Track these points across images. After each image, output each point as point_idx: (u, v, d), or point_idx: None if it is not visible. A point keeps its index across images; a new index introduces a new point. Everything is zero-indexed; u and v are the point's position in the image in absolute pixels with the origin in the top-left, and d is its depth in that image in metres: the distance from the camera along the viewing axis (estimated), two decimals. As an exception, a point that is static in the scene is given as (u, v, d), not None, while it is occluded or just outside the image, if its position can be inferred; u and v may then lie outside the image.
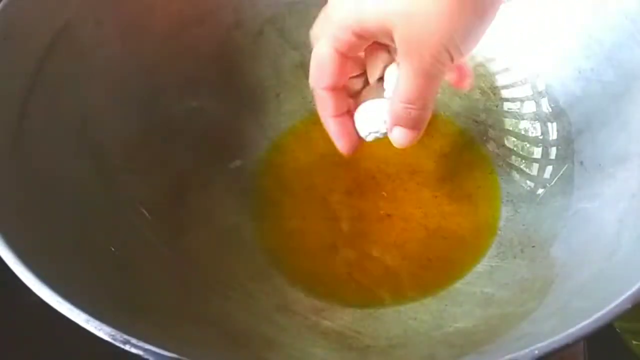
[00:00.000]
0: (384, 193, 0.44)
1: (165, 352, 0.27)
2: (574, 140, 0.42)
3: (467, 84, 0.39)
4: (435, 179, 0.44)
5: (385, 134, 0.37)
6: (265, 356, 0.34)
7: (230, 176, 0.44)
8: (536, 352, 0.26)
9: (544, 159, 0.43)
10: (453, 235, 0.42)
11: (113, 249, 0.36)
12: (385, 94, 0.36)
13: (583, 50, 0.42)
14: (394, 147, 0.41)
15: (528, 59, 0.45)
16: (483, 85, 0.47)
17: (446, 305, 0.38)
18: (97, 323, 0.27)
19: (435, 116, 0.47)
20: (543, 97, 0.45)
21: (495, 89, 0.46)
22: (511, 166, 0.44)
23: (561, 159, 0.42)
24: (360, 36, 0.33)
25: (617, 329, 0.43)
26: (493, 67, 0.47)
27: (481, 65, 0.47)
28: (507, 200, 0.43)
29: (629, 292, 0.28)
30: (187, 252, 0.39)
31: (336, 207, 0.43)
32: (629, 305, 0.28)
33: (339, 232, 0.42)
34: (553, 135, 0.44)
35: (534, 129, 0.45)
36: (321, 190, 0.44)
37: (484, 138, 0.46)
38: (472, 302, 0.38)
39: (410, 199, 0.43)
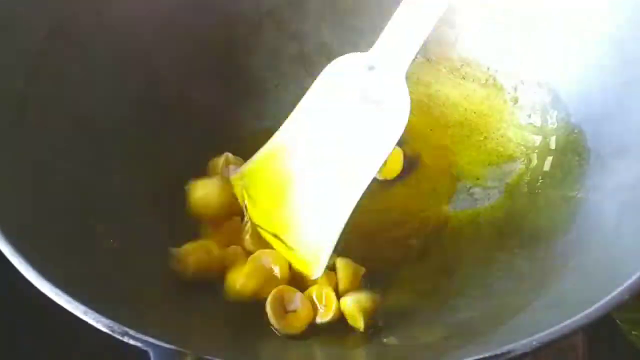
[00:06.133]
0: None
1: (164, 344, 0.27)
2: (574, 131, 0.42)
3: None
4: (434, 172, 0.44)
5: None
6: (263, 347, 0.34)
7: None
8: (535, 342, 0.26)
9: (544, 150, 0.43)
10: (452, 227, 0.42)
11: (112, 241, 0.36)
12: None
13: (585, 40, 0.42)
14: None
15: (528, 48, 0.45)
16: (481, 75, 0.47)
17: (446, 296, 0.38)
18: (95, 315, 0.27)
19: (433, 108, 0.47)
20: (543, 87, 0.44)
21: (495, 79, 0.46)
22: (511, 157, 0.44)
23: (561, 149, 0.42)
24: None
25: (616, 320, 0.43)
26: (492, 56, 0.46)
27: (480, 54, 0.46)
28: (507, 192, 0.43)
29: (627, 283, 0.28)
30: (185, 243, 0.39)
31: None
32: (628, 296, 0.28)
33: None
34: (553, 125, 0.43)
35: (534, 119, 0.45)
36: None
37: (484, 129, 0.45)
38: (471, 293, 0.38)
39: (409, 193, 0.43)
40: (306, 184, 0.39)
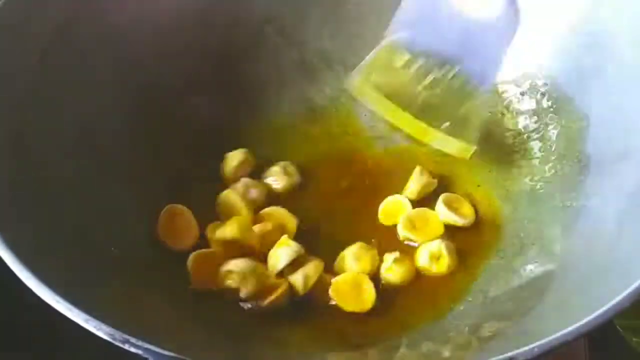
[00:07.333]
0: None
1: (164, 351, 0.27)
2: (574, 137, 0.42)
3: None
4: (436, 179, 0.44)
5: None
6: (264, 355, 0.34)
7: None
8: (536, 349, 0.26)
9: (544, 156, 0.43)
10: (454, 234, 0.42)
11: (113, 249, 0.36)
12: None
13: (583, 45, 0.42)
14: (393, 147, 0.43)
15: (527, 55, 0.45)
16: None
17: (445, 303, 0.38)
18: (96, 322, 0.27)
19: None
20: (543, 93, 0.45)
21: (494, 86, 0.46)
22: (511, 163, 0.44)
23: (561, 156, 0.42)
24: None
25: (618, 326, 0.43)
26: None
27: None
28: (507, 198, 0.43)
29: (629, 290, 0.28)
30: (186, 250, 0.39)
31: (336, 204, 0.43)
32: (629, 303, 0.28)
33: (339, 227, 0.42)
34: (553, 132, 0.43)
35: (533, 126, 0.45)
36: (320, 187, 0.44)
37: (484, 136, 0.45)
38: (472, 300, 0.38)
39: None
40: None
